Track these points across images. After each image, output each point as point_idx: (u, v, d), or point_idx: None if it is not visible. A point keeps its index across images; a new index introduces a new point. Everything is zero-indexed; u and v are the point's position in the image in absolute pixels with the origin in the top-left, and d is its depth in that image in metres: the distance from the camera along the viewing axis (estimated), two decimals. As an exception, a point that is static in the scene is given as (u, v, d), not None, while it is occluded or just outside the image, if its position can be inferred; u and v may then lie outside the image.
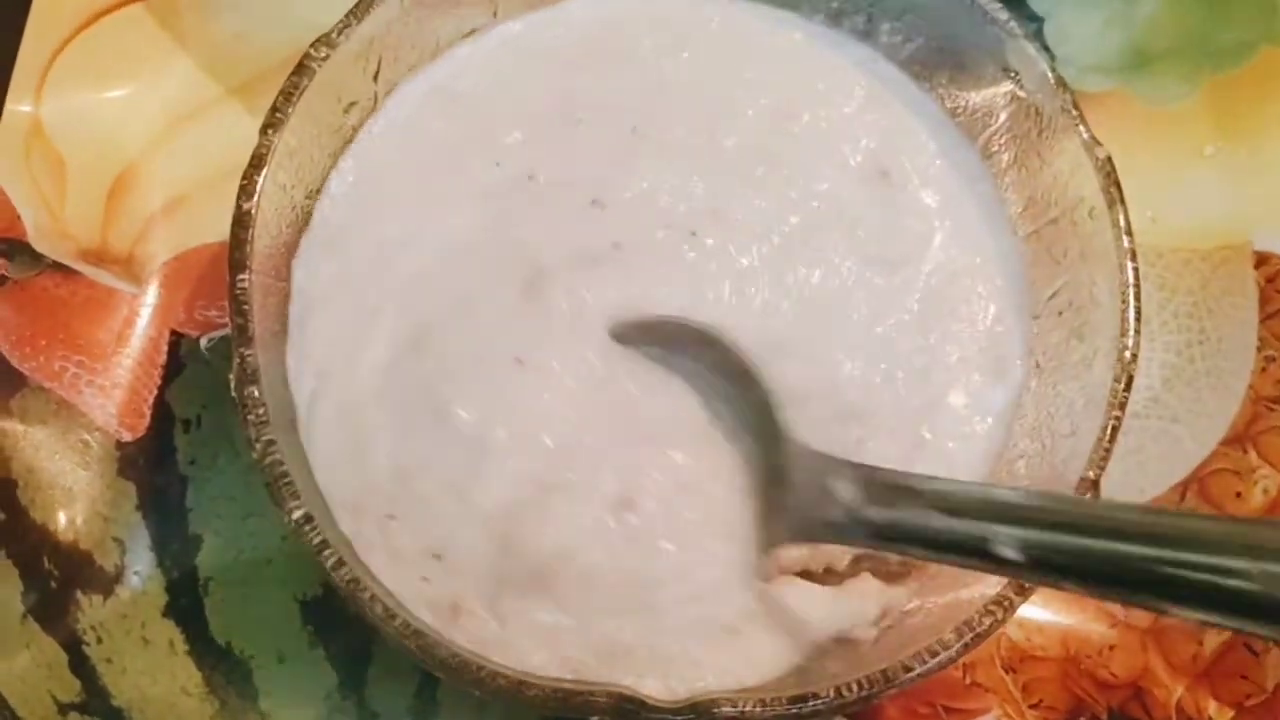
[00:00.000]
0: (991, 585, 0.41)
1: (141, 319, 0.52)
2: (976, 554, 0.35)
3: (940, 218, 0.50)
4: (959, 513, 0.36)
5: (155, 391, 0.51)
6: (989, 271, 0.49)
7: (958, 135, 0.51)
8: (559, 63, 0.50)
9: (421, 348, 0.45)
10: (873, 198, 0.49)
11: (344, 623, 0.48)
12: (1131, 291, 0.44)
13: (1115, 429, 0.42)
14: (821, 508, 0.39)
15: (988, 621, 0.39)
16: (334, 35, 0.45)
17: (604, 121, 0.49)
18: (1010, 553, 0.34)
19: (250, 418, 0.40)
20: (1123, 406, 0.42)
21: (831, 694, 0.39)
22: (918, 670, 0.39)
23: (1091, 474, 0.42)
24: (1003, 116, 0.50)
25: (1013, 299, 0.49)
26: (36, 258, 0.52)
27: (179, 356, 0.52)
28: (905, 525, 0.37)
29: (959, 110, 0.51)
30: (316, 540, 0.40)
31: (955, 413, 0.47)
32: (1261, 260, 0.53)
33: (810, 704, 0.39)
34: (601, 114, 0.49)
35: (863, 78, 0.51)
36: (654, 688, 0.41)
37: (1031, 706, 0.48)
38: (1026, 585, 0.39)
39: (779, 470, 0.41)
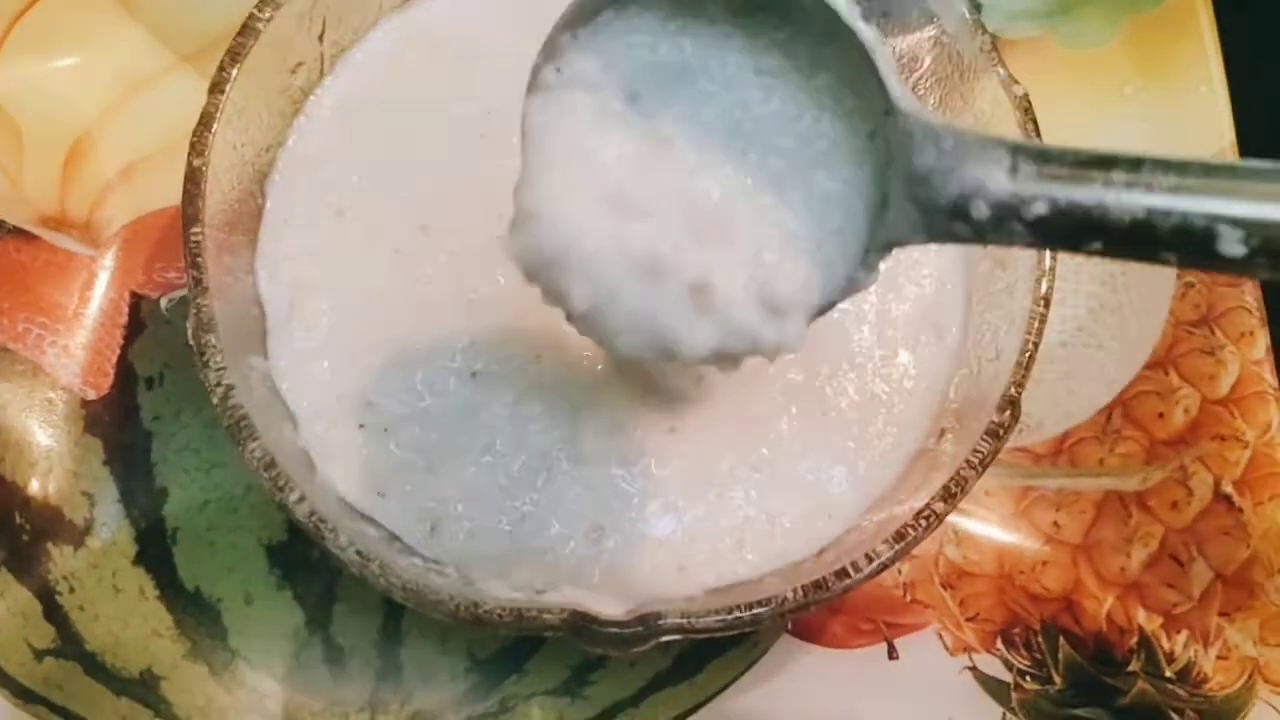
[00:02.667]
0: (919, 499, 0.43)
1: (101, 281, 0.53)
2: (1196, 247, 0.27)
3: None
4: (1175, 189, 0.27)
5: (117, 351, 0.52)
6: None
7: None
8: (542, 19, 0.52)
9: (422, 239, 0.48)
10: None
11: (309, 565, 0.50)
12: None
13: (1035, 347, 0.44)
14: (959, 197, 0.31)
15: (914, 531, 0.42)
16: (277, -4, 0.47)
17: None
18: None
19: (210, 364, 0.42)
20: (1041, 326, 0.45)
21: (771, 602, 0.41)
22: (851, 579, 0.41)
23: (1012, 392, 0.44)
24: (927, 60, 0.52)
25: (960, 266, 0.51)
26: (-3, 224, 0.53)
27: (139, 317, 0.53)
28: (1086, 210, 0.28)
29: (887, 56, 0.53)
30: (280, 479, 0.42)
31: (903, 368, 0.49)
32: (1179, 192, 0.56)
33: (750, 612, 0.41)
34: None
35: None
36: (604, 605, 0.43)
37: (969, 620, 0.51)
38: (953, 492, 0.42)
39: (892, 149, 0.32)
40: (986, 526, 0.52)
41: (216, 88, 0.45)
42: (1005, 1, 0.60)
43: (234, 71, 0.46)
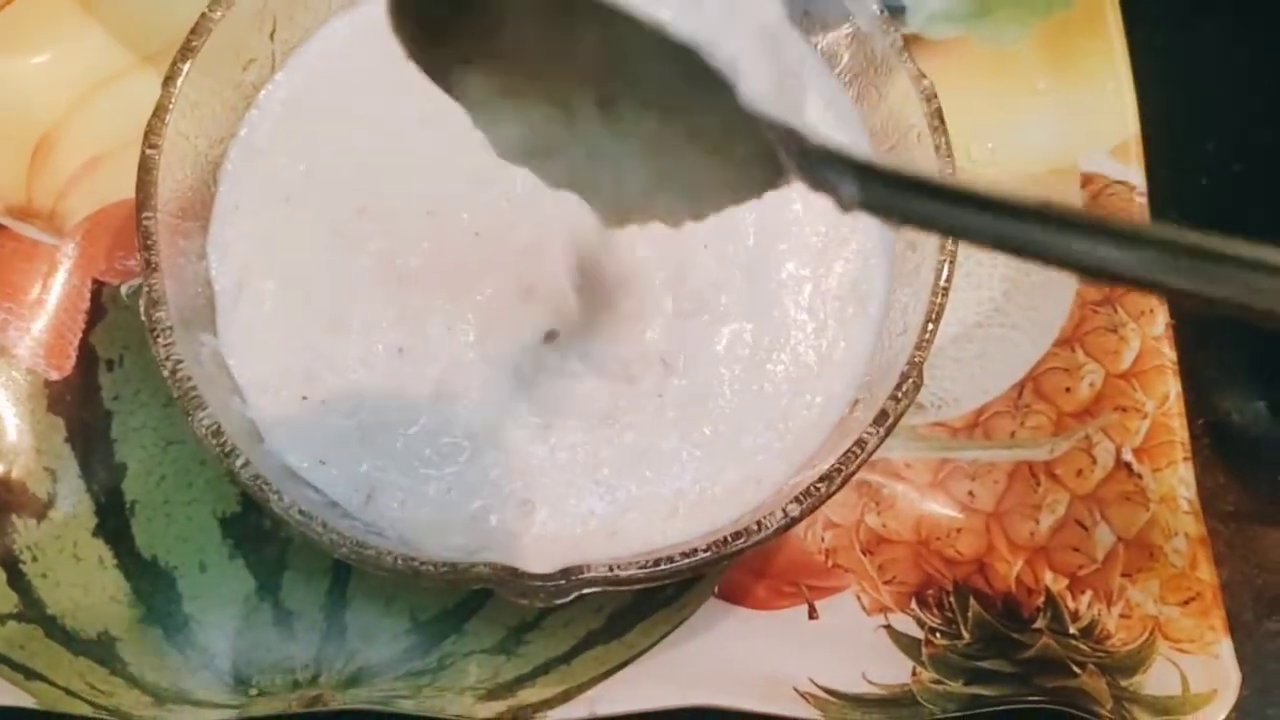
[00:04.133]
0: (827, 462, 0.46)
1: (64, 269, 0.56)
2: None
3: None
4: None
5: (80, 334, 0.55)
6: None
7: (838, 85, 0.56)
8: None
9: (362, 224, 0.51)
10: None
11: (261, 535, 0.52)
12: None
13: (936, 320, 0.47)
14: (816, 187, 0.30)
15: (821, 489, 0.45)
16: (229, -4, 0.50)
17: None
18: None
19: (160, 339, 0.45)
20: (943, 301, 0.48)
21: (689, 555, 0.44)
22: (761, 534, 0.44)
23: (917, 357, 0.47)
24: (846, 57, 0.55)
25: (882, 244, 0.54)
26: (-36, 214, 0.56)
27: (101, 303, 0.56)
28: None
29: (811, 54, 0.56)
30: (226, 446, 0.44)
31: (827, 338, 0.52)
32: (1087, 180, 0.59)
33: (670, 565, 0.44)
34: None
35: None
36: (532, 566, 0.46)
37: (886, 583, 0.53)
38: (856, 452, 0.44)
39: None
40: (906, 496, 0.55)
41: (169, 81, 0.48)
42: (928, 3, 0.63)
43: (185, 66, 0.49)
